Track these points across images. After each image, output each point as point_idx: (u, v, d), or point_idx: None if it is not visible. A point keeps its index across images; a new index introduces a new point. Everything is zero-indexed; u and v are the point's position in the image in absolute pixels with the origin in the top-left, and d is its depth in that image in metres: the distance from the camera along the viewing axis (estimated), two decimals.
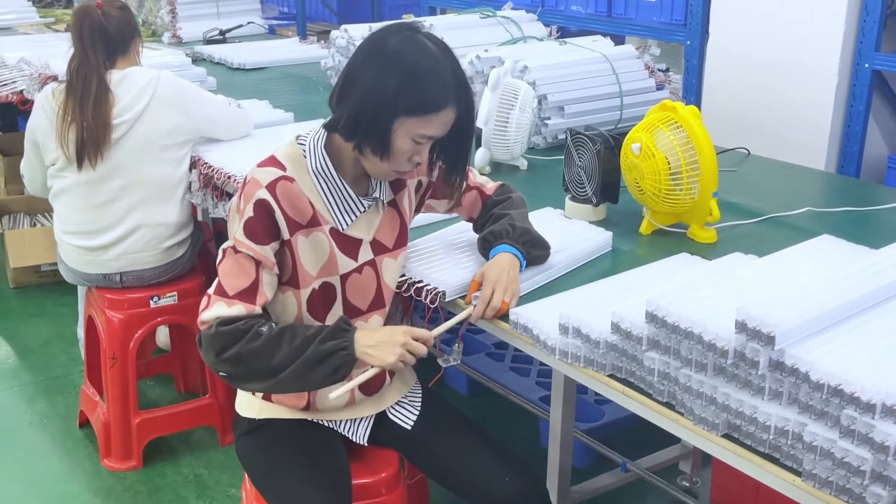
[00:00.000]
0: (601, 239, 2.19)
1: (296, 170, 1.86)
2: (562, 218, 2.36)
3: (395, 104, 1.74)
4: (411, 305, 2.15)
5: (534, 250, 2.00)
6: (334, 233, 1.90)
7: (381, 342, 1.80)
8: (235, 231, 1.82)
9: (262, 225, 1.81)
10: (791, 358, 1.35)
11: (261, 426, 2.02)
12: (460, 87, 1.80)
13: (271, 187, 1.81)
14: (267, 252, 1.82)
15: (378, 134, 1.77)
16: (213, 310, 1.80)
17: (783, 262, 1.68)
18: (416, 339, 1.82)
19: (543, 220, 2.24)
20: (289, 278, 1.88)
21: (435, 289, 1.97)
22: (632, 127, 2.32)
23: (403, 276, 2.03)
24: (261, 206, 1.80)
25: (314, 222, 1.87)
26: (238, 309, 1.79)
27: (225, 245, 1.84)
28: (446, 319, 1.91)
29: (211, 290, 1.82)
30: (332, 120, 1.84)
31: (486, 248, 2.02)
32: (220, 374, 1.84)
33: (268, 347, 1.76)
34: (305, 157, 1.87)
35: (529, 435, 3.15)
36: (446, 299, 1.96)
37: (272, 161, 1.87)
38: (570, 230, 2.24)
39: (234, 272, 1.81)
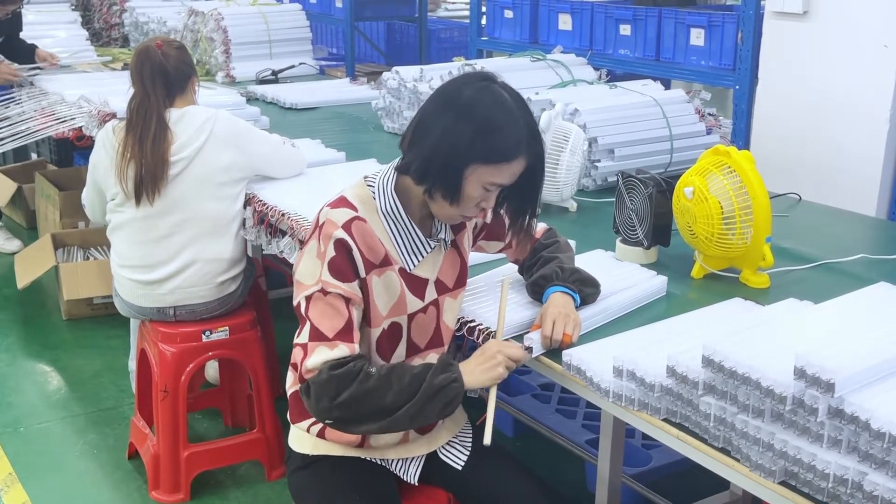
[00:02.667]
0: (656, 283, 2.20)
1: (366, 211, 1.89)
2: (614, 260, 2.37)
3: (469, 152, 1.78)
4: (464, 345, 2.17)
5: (585, 288, 2.03)
6: (403, 273, 1.93)
7: (481, 363, 1.84)
8: (320, 274, 1.83)
9: (345, 263, 1.83)
10: (851, 406, 1.35)
11: (314, 462, 2.03)
12: (533, 137, 1.83)
13: (347, 227, 1.84)
14: (354, 288, 1.85)
15: (449, 179, 1.80)
16: (317, 355, 1.81)
17: (840, 309, 1.67)
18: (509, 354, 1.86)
19: (596, 263, 2.25)
20: (362, 317, 1.91)
21: (487, 328, 1.99)
22: (682, 171, 2.33)
23: (463, 317, 2.05)
24: (341, 244, 1.83)
25: (386, 262, 1.89)
26: (341, 349, 1.81)
27: (307, 292, 1.84)
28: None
29: (304, 339, 1.83)
30: (404, 163, 1.88)
31: (537, 292, 2.05)
32: (328, 420, 1.86)
33: (380, 388, 1.79)
34: (374, 198, 1.91)
35: (575, 478, 3.13)
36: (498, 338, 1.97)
37: (344, 202, 1.90)
38: (623, 273, 2.26)
39: (328, 313, 1.83)
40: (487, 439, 1.81)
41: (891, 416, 1.31)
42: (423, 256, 1.95)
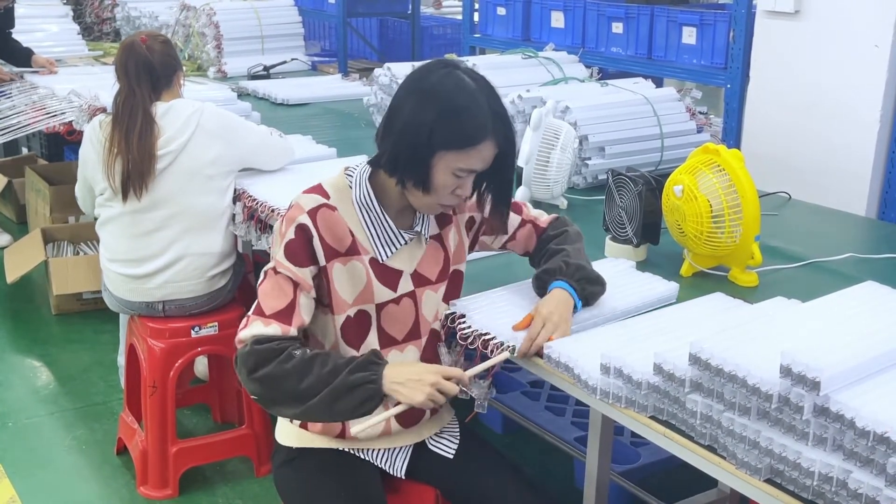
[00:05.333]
0: (666, 289, 2.15)
1: (340, 199, 1.90)
2: (631, 269, 2.26)
3: (433, 138, 1.78)
4: (476, 358, 2.12)
5: (589, 286, 1.97)
6: (374, 263, 1.93)
7: (410, 379, 1.78)
8: (276, 253, 1.86)
9: (302, 248, 1.85)
10: (836, 404, 1.35)
11: (299, 456, 2.03)
12: (498, 120, 1.82)
13: (312, 213, 1.86)
14: (305, 274, 1.85)
15: (418, 168, 1.81)
16: (250, 329, 1.82)
17: (827, 308, 1.67)
18: (449, 379, 1.80)
19: (616, 272, 2.20)
20: (327, 303, 1.92)
21: (502, 343, 1.91)
22: (672, 169, 2.33)
23: (454, 313, 2.03)
24: (301, 230, 1.85)
25: (353, 251, 1.90)
26: (274, 329, 1.81)
27: (266, 267, 1.88)
28: (482, 359, 1.91)
29: (250, 311, 1.86)
30: (376, 156, 1.89)
31: (540, 286, 2.01)
32: (253, 395, 1.84)
33: (298, 370, 1.77)
34: (351, 187, 1.91)
35: (564, 475, 3.13)
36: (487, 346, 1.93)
37: (318, 189, 1.92)
38: (642, 281, 2.20)
39: (273, 293, 1.84)
40: (354, 430, 1.83)
41: (875, 414, 1.31)
42: (395, 248, 1.95)
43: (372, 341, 1.97)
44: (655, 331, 1.87)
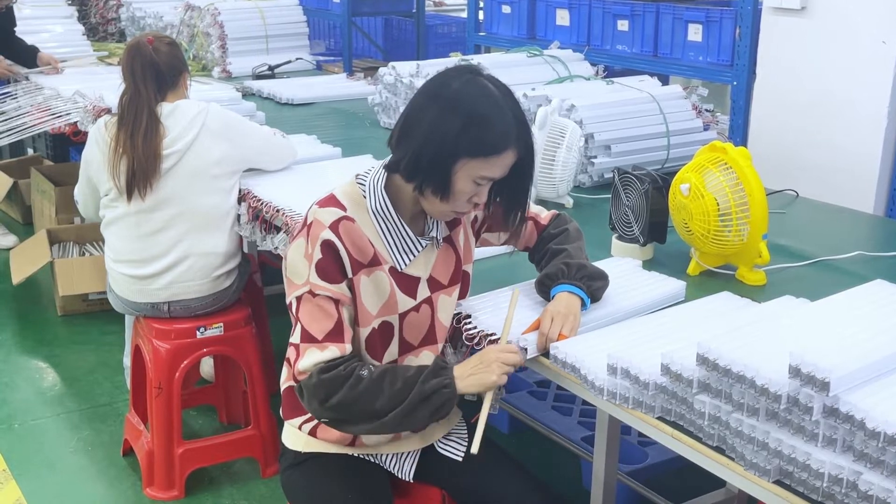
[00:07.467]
0: (675, 287, 2.14)
1: (355, 210, 1.88)
2: (640, 269, 2.26)
3: (457, 146, 1.76)
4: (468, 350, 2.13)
5: (593, 283, 1.99)
6: (393, 272, 1.91)
7: (476, 367, 1.81)
8: (308, 276, 1.83)
9: (332, 264, 1.83)
10: (846, 405, 1.34)
11: (307, 459, 2.02)
12: (521, 129, 1.81)
13: (334, 227, 1.83)
14: (343, 289, 1.84)
15: (439, 175, 1.79)
16: (308, 357, 1.81)
17: (836, 307, 1.66)
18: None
19: (623, 272, 2.20)
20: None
21: (483, 332, 1.94)
22: (679, 167, 2.32)
23: (460, 313, 2.03)
24: (327, 246, 1.82)
25: (375, 262, 1.88)
26: (332, 351, 1.81)
27: (297, 292, 1.84)
28: None
29: (296, 340, 1.84)
30: (393, 160, 1.86)
31: (544, 291, 2.01)
32: (324, 419, 1.88)
33: (370, 392, 1.79)
34: (365, 197, 1.89)
35: (570, 475, 3.12)
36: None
37: (332, 201, 1.89)
38: (641, 279, 2.19)
39: (317, 316, 1.83)
40: (475, 447, 1.79)
41: (886, 415, 1.29)
42: (414, 255, 1.93)
43: (393, 350, 1.96)
44: (662, 331, 1.86)
